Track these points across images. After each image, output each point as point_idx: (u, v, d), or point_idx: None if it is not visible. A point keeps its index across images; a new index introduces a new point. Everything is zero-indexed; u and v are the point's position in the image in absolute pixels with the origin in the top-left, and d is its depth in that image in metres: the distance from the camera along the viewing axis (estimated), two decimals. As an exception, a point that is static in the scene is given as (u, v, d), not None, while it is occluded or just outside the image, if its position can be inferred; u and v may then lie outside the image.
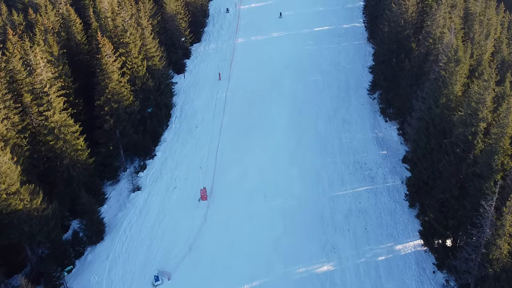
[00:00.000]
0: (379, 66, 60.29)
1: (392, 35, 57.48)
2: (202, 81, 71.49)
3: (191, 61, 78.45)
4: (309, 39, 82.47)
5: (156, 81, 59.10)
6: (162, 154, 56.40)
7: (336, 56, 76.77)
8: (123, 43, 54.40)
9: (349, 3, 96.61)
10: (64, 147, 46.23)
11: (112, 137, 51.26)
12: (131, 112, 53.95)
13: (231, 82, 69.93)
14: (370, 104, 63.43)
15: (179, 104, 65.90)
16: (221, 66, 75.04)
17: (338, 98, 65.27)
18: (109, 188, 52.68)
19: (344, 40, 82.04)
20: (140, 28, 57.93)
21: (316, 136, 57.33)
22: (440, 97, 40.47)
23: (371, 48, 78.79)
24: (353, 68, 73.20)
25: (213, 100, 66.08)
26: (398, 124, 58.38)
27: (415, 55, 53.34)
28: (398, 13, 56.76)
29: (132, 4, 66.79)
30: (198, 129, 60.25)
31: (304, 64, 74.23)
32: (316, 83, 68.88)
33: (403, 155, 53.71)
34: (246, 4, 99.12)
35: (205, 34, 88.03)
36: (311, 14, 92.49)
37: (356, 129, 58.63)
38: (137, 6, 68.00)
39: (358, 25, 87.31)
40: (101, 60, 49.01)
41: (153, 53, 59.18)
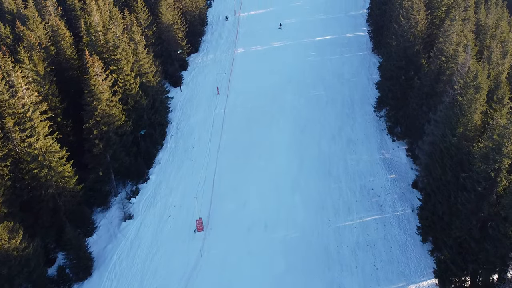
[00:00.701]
0: (386, 82, 56.59)
1: (400, 50, 53.78)
2: (200, 95, 67.80)
3: (188, 73, 74.76)
4: (311, 50, 78.78)
5: (150, 98, 55.44)
6: (156, 177, 52.72)
7: (340, 68, 73.10)
8: (115, 60, 50.73)
9: (352, 11, 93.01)
10: (49, 175, 42.57)
11: (102, 162, 47.61)
12: (123, 133, 50.33)
13: (230, 97, 66.23)
14: (376, 121, 59.74)
15: (175, 121, 62.19)
16: (220, 79, 71.34)
17: (342, 114, 61.58)
18: (99, 215, 49.04)
19: (347, 51, 78.37)
20: (133, 43, 54.22)
21: (320, 158, 53.66)
22: (457, 125, 36.83)
23: (376, 59, 75.22)
24: (358, 81, 69.51)
25: (211, 116, 62.39)
26: (407, 145, 54.73)
27: (426, 73, 49.70)
28: (406, 27, 53.07)
29: (126, 15, 63.18)
30: (195, 149, 56.56)
31: (306, 77, 70.54)
32: (319, 98, 65.18)
33: (412, 179, 50.06)
34: (245, 11, 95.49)
35: (203, 44, 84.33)
36: (313, 22, 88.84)
37: (362, 150, 54.95)
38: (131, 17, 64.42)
39: (362, 34, 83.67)
40: (89, 81, 45.30)
41: (146, 69, 55.48)
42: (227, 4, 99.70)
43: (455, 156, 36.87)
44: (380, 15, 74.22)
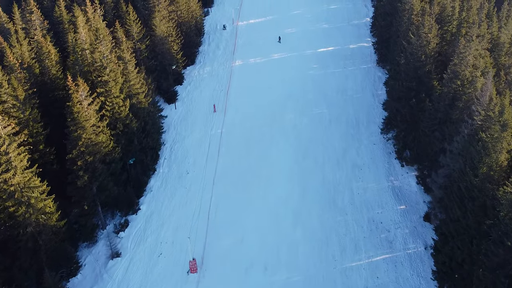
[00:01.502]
0: (394, 103, 52.51)
1: (410, 69, 49.72)
2: (195, 113, 63.67)
3: (184, 87, 70.60)
4: (312, 62, 74.66)
5: (141, 121, 51.32)
6: (147, 207, 48.63)
7: (343, 82, 69.00)
8: (102, 82, 46.61)
9: (355, 19, 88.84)
10: (27, 213, 38.49)
11: (87, 195, 43.48)
12: (111, 160, 46.26)
13: (227, 115, 62.11)
14: (383, 144, 55.67)
15: (168, 143, 58.07)
16: (217, 95, 67.22)
17: (347, 135, 57.51)
18: (84, 251, 44.95)
19: (351, 63, 74.27)
20: (122, 63, 50.09)
21: (324, 186, 49.60)
22: (479, 164, 32.80)
23: (381, 73, 71.20)
24: (362, 97, 65.43)
25: (207, 137, 58.29)
26: (417, 171, 50.66)
27: (438, 95, 45.64)
28: (417, 44, 48.99)
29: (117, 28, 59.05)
30: (189, 175, 52.45)
31: (308, 93, 66.45)
32: (321, 117, 61.09)
33: (424, 211, 46.07)
34: (244, 20, 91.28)
35: (200, 55, 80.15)
36: (315, 32, 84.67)
37: (369, 177, 50.90)
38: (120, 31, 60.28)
39: (365, 45, 79.53)
40: (72, 108, 41.19)
41: (137, 89, 51.37)
42: (225, 12, 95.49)
43: (477, 199, 32.85)
44: (386, 26, 70.19)
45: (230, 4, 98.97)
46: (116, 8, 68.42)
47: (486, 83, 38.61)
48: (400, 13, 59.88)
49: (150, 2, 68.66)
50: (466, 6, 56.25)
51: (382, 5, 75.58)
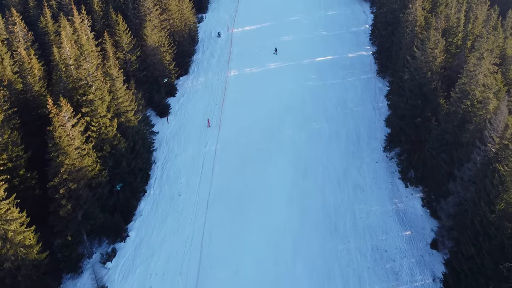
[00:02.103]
0: (397, 120, 49.58)
1: (414, 86, 46.82)
2: (189, 128, 60.52)
3: (177, 99, 67.44)
4: (311, 72, 71.69)
5: (130, 141, 48.17)
6: (137, 234, 45.50)
7: (343, 94, 66.08)
8: (87, 101, 43.43)
9: (353, 26, 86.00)
10: (4, 248, 35.35)
11: (71, 224, 40.29)
12: (98, 184, 43.14)
13: (222, 130, 59.02)
14: (385, 162, 52.77)
15: (160, 161, 54.92)
16: (211, 108, 64.10)
17: (347, 153, 54.56)
18: (68, 283, 41.78)
19: (350, 74, 71.34)
20: (109, 80, 46.91)
21: (324, 209, 46.64)
22: (496, 200, 29.95)
23: (382, 83, 68.38)
24: (363, 110, 62.52)
25: (201, 155, 55.18)
26: (422, 192, 47.79)
27: (446, 115, 42.73)
28: (422, 60, 46.12)
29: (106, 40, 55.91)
30: (182, 197, 49.34)
31: (307, 106, 63.47)
32: (321, 133, 58.11)
33: (431, 237, 43.21)
34: (239, 27, 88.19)
35: (194, 64, 76.98)
36: (313, 39, 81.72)
37: (372, 199, 48.00)
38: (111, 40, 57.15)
39: (365, 54, 76.71)
40: (53, 133, 38.02)
41: (126, 107, 48.21)
42: (220, 18, 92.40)
43: (494, 238, 30.01)
44: (386, 36, 67.32)
45: (225, 9, 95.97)
46: (106, 17, 65.23)
47: (499, 105, 35.80)
48: (402, 23, 57.02)
49: (141, 11, 65.47)
50: (472, 17, 53.49)
51: (382, 13, 72.71)
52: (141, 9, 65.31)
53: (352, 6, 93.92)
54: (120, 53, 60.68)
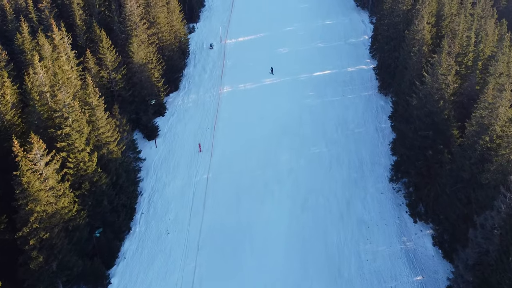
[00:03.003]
0: (405, 151, 45.18)
1: (424, 114, 42.46)
2: (178, 153, 55.83)
3: (166, 119, 62.71)
4: (308, 89, 67.26)
5: (112, 175, 43.42)
6: (120, 281, 40.72)
7: (343, 113, 61.70)
8: (63, 135, 38.67)
9: (352, 37, 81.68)
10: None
11: (43, 277, 35.55)
12: (75, 227, 38.40)
13: (214, 156, 54.40)
14: (391, 193, 48.48)
15: (147, 192, 50.20)
16: (202, 130, 59.40)
17: (350, 182, 50.17)
18: None
19: (350, 90, 67.02)
20: (88, 108, 42.14)
21: (327, 251, 42.13)
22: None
23: (383, 101, 64.15)
24: (365, 132, 58.17)
25: (191, 185, 50.53)
26: (433, 229, 43.52)
27: (460, 149, 38.49)
28: (433, 87, 41.81)
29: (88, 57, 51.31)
30: (170, 236, 44.67)
31: (305, 127, 59.01)
32: (321, 158, 53.69)
33: (444, 283, 38.79)
34: (233, 37, 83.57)
35: (185, 79, 72.26)
36: (310, 52, 77.31)
37: (378, 237, 43.63)
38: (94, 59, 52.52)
39: (365, 68, 72.45)
40: (21, 178, 33.29)
41: (108, 138, 43.44)
42: (212, 28, 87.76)
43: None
44: (389, 51, 63.04)
45: (218, 18, 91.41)
46: (89, 32, 60.40)
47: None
48: (407, 41, 52.69)
49: (127, 25, 60.64)
50: (482, 35, 49.26)
51: (383, 25, 68.47)
52: (127, 23, 60.50)
53: (350, 15, 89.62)
54: (104, 72, 55.97)
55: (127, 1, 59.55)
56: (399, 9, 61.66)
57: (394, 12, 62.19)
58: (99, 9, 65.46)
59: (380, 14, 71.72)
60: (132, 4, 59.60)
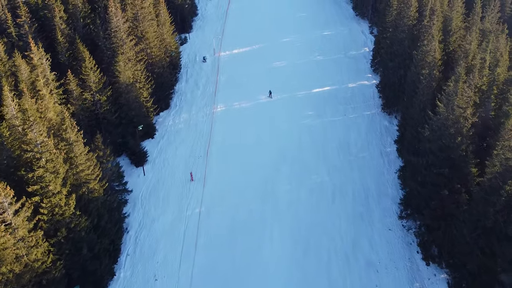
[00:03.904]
0: (417, 186, 40.79)
1: (438, 148, 38.19)
2: (168, 182, 51.19)
3: (156, 142, 58.06)
4: (307, 107, 62.85)
5: (93, 217, 38.77)
6: None
7: (345, 136, 57.37)
8: (35, 178, 34.02)
9: (352, 49, 77.44)
10: None
11: None
12: (50, 281, 33.85)
13: (207, 187, 49.83)
14: (400, 229, 44.22)
15: (133, 228, 45.58)
16: (195, 155, 54.79)
17: (355, 216, 45.85)
18: None
19: (352, 109, 62.71)
20: (66, 144, 37.45)
21: (332, 300, 37.97)
22: None
23: (387, 121, 59.97)
24: (369, 157, 53.87)
25: (182, 221, 45.95)
26: (448, 273, 39.23)
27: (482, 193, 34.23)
28: (448, 119, 37.52)
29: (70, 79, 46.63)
30: (158, 282, 40.05)
31: (305, 152, 54.60)
32: (323, 188, 49.31)
33: None
34: (227, 49, 78.99)
35: (176, 96, 67.61)
36: (308, 65, 72.94)
37: (388, 282, 39.27)
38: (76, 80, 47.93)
39: (366, 84, 68.23)
40: (-18, 237, 28.68)
41: (88, 176, 38.79)
42: (205, 38, 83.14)
43: None
44: (393, 68, 58.74)
45: (211, 28, 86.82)
46: (72, 48, 55.68)
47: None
48: (416, 62, 48.37)
49: (112, 41, 55.90)
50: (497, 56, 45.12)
51: (385, 39, 64.28)
52: (113, 40, 55.75)
53: (349, 25, 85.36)
54: (88, 94, 51.36)
55: (112, 16, 54.80)
56: (404, 24, 57.39)
57: (398, 28, 57.87)
58: (83, 23, 60.82)
59: (382, 27, 67.47)
60: (118, 19, 54.85)
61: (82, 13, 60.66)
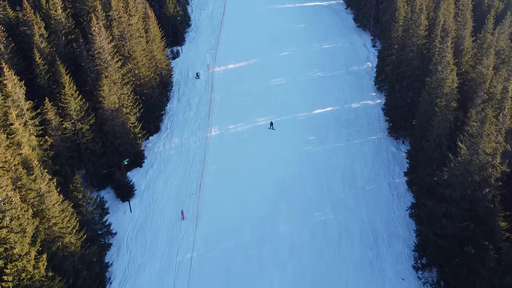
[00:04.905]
0: (435, 238, 35.90)
1: (461, 197, 33.51)
2: (157, 221, 46.18)
3: (144, 172, 53.04)
4: (308, 131, 58.00)
5: (69, 276, 33.69)
6: None
7: (349, 165, 52.55)
8: None
9: (354, 65, 72.71)
10: None
11: None
12: None
13: (200, 228, 44.84)
14: (414, 279, 39.38)
15: (117, 278, 40.44)
16: (186, 188, 49.88)
17: (363, 263, 41.01)
18: None
19: (356, 133, 57.93)
20: (35, 196, 32.37)
21: None
22: None
23: (395, 147, 55.29)
24: (376, 190, 49.11)
25: (171, 268, 40.94)
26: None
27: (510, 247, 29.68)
28: (471, 162, 32.81)
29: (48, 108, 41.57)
30: None
31: (306, 184, 49.74)
32: (327, 228, 44.47)
33: None
34: (222, 64, 74.04)
35: (167, 117, 62.62)
36: (308, 83, 68.16)
37: None
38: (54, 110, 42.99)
39: (370, 104, 63.55)
40: None
41: (62, 230, 33.75)
42: (199, 52, 78.19)
43: None
44: (400, 91, 54.01)
45: (205, 40, 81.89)
46: (53, 70, 50.61)
47: None
48: (430, 89, 43.50)
49: (96, 63, 50.82)
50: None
51: (391, 57, 59.69)
52: (96, 61, 50.65)
53: (350, 37, 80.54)
54: (68, 123, 46.37)
55: (96, 36, 49.66)
56: (412, 43, 52.57)
57: (407, 47, 53.09)
58: (66, 41, 55.68)
59: (387, 42, 62.70)
60: (101, 39, 49.70)
61: (65, 29, 55.59)
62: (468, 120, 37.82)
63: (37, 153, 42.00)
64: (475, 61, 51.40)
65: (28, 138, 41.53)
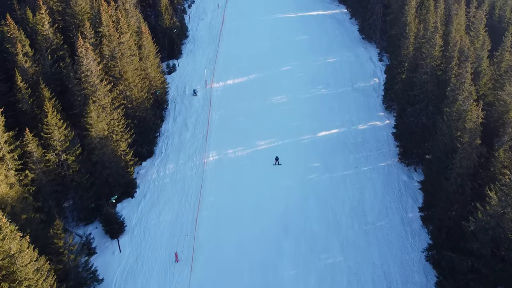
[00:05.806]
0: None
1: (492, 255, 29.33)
2: (149, 263, 41.80)
3: (136, 203, 48.72)
4: (313, 157, 53.74)
5: None
6: None
7: (358, 197, 48.28)
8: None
9: (360, 81, 68.51)
10: None
11: None
12: None
13: (195, 273, 40.42)
14: (434, 336, 35.44)
15: (102, 335, 36.45)
16: (181, 224, 45.60)
17: (376, 315, 37.00)
18: None
19: (364, 159, 53.66)
20: (5, 257, 28.04)
21: None
22: None
23: (407, 176, 51.09)
24: (388, 227, 44.86)
25: (164, 323, 36.89)
26: None
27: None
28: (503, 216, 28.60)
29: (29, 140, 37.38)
30: None
31: (312, 219, 45.47)
32: (335, 273, 40.10)
33: None
34: (220, 80, 69.78)
35: (162, 140, 58.33)
36: (312, 101, 63.92)
37: None
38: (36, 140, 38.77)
39: (379, 125, 59.33)
40: None
41: None
42: (196, 65, 73.91)
43: None
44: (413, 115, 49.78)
45: (203, 53, 77.63)
46: (36, 94, 46.41)
47: None
48: (449, 122, 39.20)
49: (83, 87, 46.52)
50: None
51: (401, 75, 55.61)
52: (83, 85, 46.36)
53: (355, 50, 76.27)
54: (51, 155, 42.04)
55: (82, 58, 45.34)
56: (426, 64, 48.27)
57: (419, 69, 48.80)
58: (53, 59, 51.40)
59: (396, 60, 58.49)
60: (89, 62, 45.37)
61: (53, 45, 51.39)
62: (495, 160, 33.67)
63: (15, 190, 37.79)
64: (493, 83, 47.21)
65: (5, 174, 37.29)
